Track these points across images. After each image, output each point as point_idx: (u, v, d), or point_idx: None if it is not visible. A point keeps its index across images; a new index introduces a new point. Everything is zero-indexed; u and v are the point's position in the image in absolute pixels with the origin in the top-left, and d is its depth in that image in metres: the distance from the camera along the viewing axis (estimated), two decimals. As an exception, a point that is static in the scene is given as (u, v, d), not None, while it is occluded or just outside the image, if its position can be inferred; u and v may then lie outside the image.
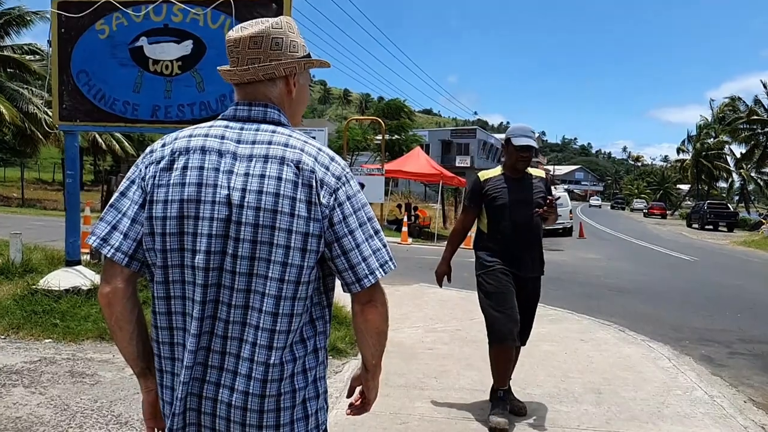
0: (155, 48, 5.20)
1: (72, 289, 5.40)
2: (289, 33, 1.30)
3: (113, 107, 5.30)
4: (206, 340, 1.21)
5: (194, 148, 1.23)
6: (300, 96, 1.35)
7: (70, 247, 5.71)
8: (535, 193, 3.44)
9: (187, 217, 1.20)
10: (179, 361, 1.24)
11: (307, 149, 1.25)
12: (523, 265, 3.44)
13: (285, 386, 1.22)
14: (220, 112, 5.42)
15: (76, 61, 5.29)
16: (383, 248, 1.29)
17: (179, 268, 1.21)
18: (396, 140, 28.28)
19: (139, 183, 1.25)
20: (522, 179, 3.47)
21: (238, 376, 1.20)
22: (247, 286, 1.19)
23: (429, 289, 8.03)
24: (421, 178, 20.73)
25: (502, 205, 3.40)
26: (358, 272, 1.24)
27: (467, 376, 4.43)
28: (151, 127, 5.44)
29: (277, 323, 1.19)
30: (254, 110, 1.28)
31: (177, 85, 5.24)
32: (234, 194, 1.19)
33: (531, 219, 3.39)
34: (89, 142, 35.11)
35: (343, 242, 1.23)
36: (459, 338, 5.57)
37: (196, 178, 1.20)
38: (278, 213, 1.18)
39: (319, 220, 1.20)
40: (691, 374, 4.71)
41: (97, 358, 4.42)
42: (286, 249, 1.18)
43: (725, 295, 9.35)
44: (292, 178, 1.19)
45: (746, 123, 37.74)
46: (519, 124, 3.52)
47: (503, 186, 3.43)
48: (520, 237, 3.40)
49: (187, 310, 1.22)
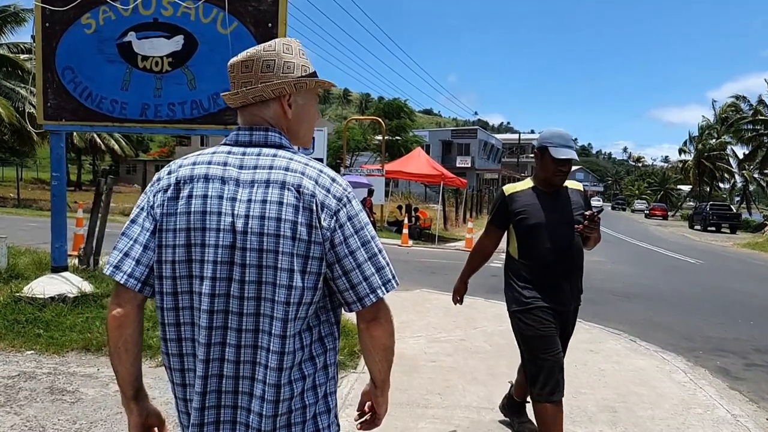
0: (144, 43, 4.95)
1: (57, 297, 5.15)
2: (284, 54, 1.31)
3: (100, 106, 5.04)
4: (216, 366, 1.24)
5: (198, 176, 1.26)
6: (300, 116, 1.35)
7: (56, 253, 5.46)
8: (574, 209, 2.84)
9: (194, 245, 1.23)
10: (190, 386, 1.28)
11: (308, 172, 1.26)
12: (563, 297, 2.84)
13: (295, 403, 1.26)
14: (212, 112, 5.23)
15: (61, 58, 5.04)
16: (385, 267, 1.29)
17: (188, 295, 1.25)
18: (396, 140, 28.04)
19: (148, 210, 1.28)
20: (557, 193, 2.87)
21: (254, 398, 1.23)
22: (256, 310, 1.22)
23: (431, 295, 7.78)
24: (422, 179, 20.47)
25: (535, 225, 2.79)
26: (360, 292, 1.26)
27: (473, 392, 4.17)
28: (140, 127, 5.18)
29: (285, 345, 1.22)
30: (255, 135, 1.30)
31: (167, 83, 4.98)
32: (237, 221, 1.21)
33: (571, 241, 2.80)
34: (87, 142, 34.94)
35: (344, 263, 1.25)
36: (463, 349, 5.32)
37: (201, 206, 1.23)
38: (281, 237, 1.20)
39: (320, 243, 1.22)
40: (709, 390, 4.45)
41: (81, 372, 4.16)
42: (290, 272, 1.20)
43: (735, 301, 9.09)
44: (293, 203, 1.21)
45: (750, 123, 37.46)
46: (556, 130, 2.83)
47: (535, 202, 2.83)
48: (559, 263, 2.79)
49: (196, 336, 1.25)
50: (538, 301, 2.81)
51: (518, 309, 2.88)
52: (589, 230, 2.70)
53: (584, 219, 2.71)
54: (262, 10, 4.87)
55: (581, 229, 2.70)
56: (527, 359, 2.88)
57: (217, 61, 4.91)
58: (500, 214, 2.96)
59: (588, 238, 2.81)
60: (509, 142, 66.23)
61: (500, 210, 2.96)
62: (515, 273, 2.92)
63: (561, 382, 2.78)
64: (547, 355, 2.78)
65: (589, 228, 2.69)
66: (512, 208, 2.89)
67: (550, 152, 2.76)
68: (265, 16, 4.85)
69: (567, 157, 2.75)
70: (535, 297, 2.82)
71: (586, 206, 2.90)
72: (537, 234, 2.80)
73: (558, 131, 2.83)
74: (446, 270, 11.24)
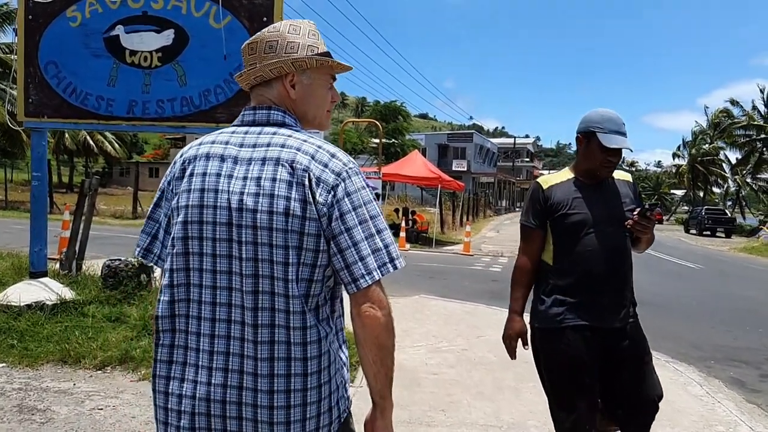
0: (133, 37, 4.69)
1: (34, 305, 4.86)
2: (288, 35, 1.31)
3: (85, 102, 4.78)
4: (224, 343, 1.22)
5: (201, 155, 1.28)
6: (305, 97, 1.34)
7: (35, 257, 5.17)
8: (624, 204, 2.36)
9: (191, 222, 1.23)
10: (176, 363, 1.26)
11: (304, 148, 1.24)
12: (606, 312, 2.28)
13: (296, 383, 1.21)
14: (203, 109, 4.96)
15: (44, 52, 4.77)
16: (384, 249, 1.23)
17: (184, 272, 1.25)
18: (393, 143, 27.85)
19: (165, 192, 1.32)
20: (602, 186, 2.37)
21: (259, 377, 1.20)
22: (254, 287, 1.20)
23: (430, 301, 7.53)
24: (420, 182, 20.26)
25: (577, 223, 2.28)
26: (354, 272, 1.21)
27: (479, 408, 3.92)
28: (127, 125, 4.92)
29: (289, 320, 1.20)
30: (258, 113, 1.31)
31: (156, 79, 4.72)
32: (233, 198, 1.21)
33: (622, 242, 2.33)
34: (80, 144, 34.51)
35: (339, 240, 1.21)
36: (466, 360, 5.07)
37: (200, 184, 1.24)
38: (274, 214, 1.18)
39: (315, 219, 1.20)
40: (728, 404, 4.22)
41: (54, 387, 3.88)
42: (285, 249, 1.19)
43: (741, 308, 8.90)
44: (286, 178, 1.20)
45: (742, 129, 37.57)
46: (607, 113, 2.32)
47: (577, 196, 2.33)
48: (605, 269, 2.27)
49: (200, 314, 1.24)
50: (572, 319, 2.25)
51: (543, 327, 2.34)
52: (642, 228, 2.22)
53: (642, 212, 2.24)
54: (257, 4, 4.63)
55: (631, 225, 2.24)
56: (550, 394, 2.36)
57: (209, 56, 4.67)
58: (540, 211, 2.38)
59: (639, 239, 2.34)
60: (504, 146, 66.26)
61: (539, 206, 2.39)
62: (546, 282, 2.37)
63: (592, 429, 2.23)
64: (573, 389, 2.24)
65: (642, 225, 2.21)
66: (551, 203, 2.35)
67: (599, 139, 2.26)
68: (260, 10, 4.61)
69: (620, 146, 2.25)
70: (568, 312, 2.27)
71: (636, 200, 2.41)
72: (579, 234, 2.29)
73: (609, 114, 2.32)
74: (445, 274, 11.02)
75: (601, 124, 2.29)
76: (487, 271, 12.09)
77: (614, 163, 2.32)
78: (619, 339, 2.32)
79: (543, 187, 2.40)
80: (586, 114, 2.39)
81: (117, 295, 5.75)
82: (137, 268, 6.18)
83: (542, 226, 2.39)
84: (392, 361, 1.27)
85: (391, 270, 1.23)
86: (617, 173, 2.43)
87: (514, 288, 2.44)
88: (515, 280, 2.46)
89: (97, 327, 4.99)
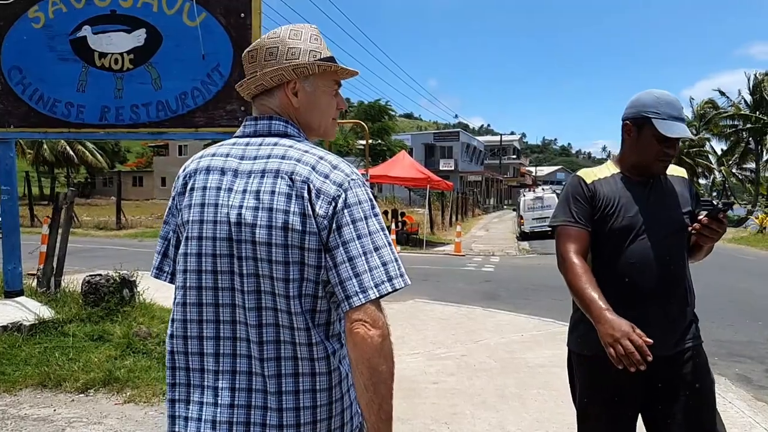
0: (101, 39, 4.42)
1: (11, 326, 4.60)
2: (289, 40, 1.26)
3: (54, 110, 4.49)
4: (229, 362, 1.19)
5: (201, 169, 1.25)
6: (308, 103, 1.29)
7: (9, 276, 4.89)
8: (682, 205, 1.98)
9: (191, 238, 1.21)
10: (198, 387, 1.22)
11: (304, 159, 1.20)
12: (660, 336, 1.79)
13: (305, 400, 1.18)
14: (181, 113, 4.67)
15: (7, 56, 4.48)
16: (383, 266, 1.14)
17: (182, 290, 1.23)
18: (379, 144, 27.64)
19: (170, 209, 1.30)
20: (653, 183, 1.97)
21: (268, 395, 1.17)
22: (257, 303, 1.17)
23: (426, 306, 7.31)
24: (408, 183, 20.06)
25: (626, 228, 1.90)
26: (348, 288, 1.13)
27: (483, 419, 3.71)
28: (101, 133, 4.64)
29: (295, 336, 1.16)
30: (259, 124, 1.27)
31: (129, 82, 4.45)
32: (232, 212, 1.18)
33: (678, 251, 1.94)
34: (60, 155, 33.88)
35: (334, 254, 1.15)
36: (466, 366, 4.85)
37: (200, 198, 1.22)
38: (272, 228, 1.15)
39: (315, 233, 1.15)
40: (740, 405, 4.06)
41: (33, 414, 3.61)
42: (285, 264, 1.15)
43: (738, 300, 8.81)
44: (285, 191, 1.16)
45: (728, 119, 37.86)
46: (663, 95, 1.93)
47: (625, 195, 1.94)
48: (658, 284, 1.88)
49: (202, 333, 1.21)
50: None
51: (579, 352, 2.00)
52: (711, 234, 1.86)
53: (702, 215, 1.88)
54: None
55: (698, 230, 1.87)
56: (579, 427, 2.07)
57: (184, 57, 4.41)
58: (585, 209, 1.95)
59: (701, 247, 1.99)
60: (491, 144, 66.33)
61: (583, 202, 1.96)
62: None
63: None
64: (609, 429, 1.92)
65: (712, 230, 1.85)
66: (597, 200, 1.95)
67: (655, 126, 1.86)
68: (236, 6, 4.36)
69: (681, 135, 1.86)
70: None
71: (694, 201, 2.03)
72: (626, 241, 1.89)
73: (666, 96, 1.91)
74: (437, 276, 10.82)
75: (658, 108, 1.88)
76: (479, 271, 11.92)
77: (671, 156, 1.93)
78: (671, 368, 1.89)
79: (586, 180, 2.00)
80: (635, 96, 1.99)
81: (99, 312, 5.50)
82: (119, 283, 5.90)
83: (587, 223, 1.94)
84: (388, 391, 1.13)
85: (389, 290, 1.13)
86: (670, 168, 2.05)
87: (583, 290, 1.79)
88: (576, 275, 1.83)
89: (79, 347, 4.76)
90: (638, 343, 1.59)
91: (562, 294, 9.06)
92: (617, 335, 1.63)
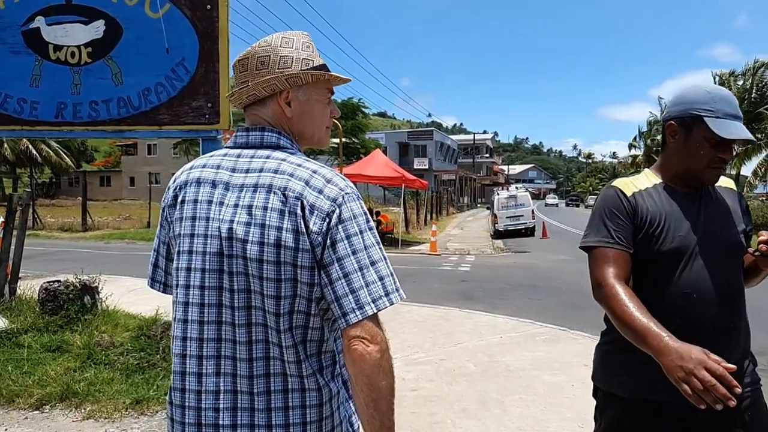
0: (56, 30, 4.11)
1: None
2: (281, 49, 1.24)
3: (5, 106, 4.17)
4: (213, 380, 1.16)
5: (191, 181, 1.23)
6: (302, 113, 1.26)
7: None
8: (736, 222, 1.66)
9: (182, 252, 1.20)
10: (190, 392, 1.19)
11: (297, 173, 1.17)
12: None
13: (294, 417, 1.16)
14: (143, 110, 4.41)
15: (-48, 49, 4.15)
16: (379, 281, 1.12)
17: (174, 305, 1.22)
18: (353, 142, 27.42)
19: (161, 221, 1.30)
20: (700, 196, 1.65)
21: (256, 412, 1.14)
22: (247, 320, 1.14)
23: (402, 308, 7.16)
24: (383, 182, 19.90)
25: (674, 250, 1.56)
26: (344, 305, 1.10)
27: (464, 429, 3.58)
28: (57, 131, 4.33)
29: (284, 354, 1.14)
30: (252, 135, 1.25)
31: (87, 77, 4.15)
32: (223, 226, 1.16)
33: (735, 277, 1.62)
34: (20, 154, 32.60)
35: (329, 270, 1.12)
36: (445, 371, 4.73)
37: (191, 212, 1.20)
38: (265, 245, 1.12)
39: (309, 251, 1.12)
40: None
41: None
42: (277, 282, 1.12)
43: None
44: (278, 207, 1.14)
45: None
46: (716, 89, 1.64)
47: (672, 210, 1.61)
48: (712, 317, 1.53)
49: (185, 351, 1.19)
50: (648, 391, 1.53)
51: (607, 390, 1.68)
52: None
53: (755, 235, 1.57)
54: (201, -7, 4.13)
55: (765, 251, 1.56)
56: None
57: (147, 50, 4.14)
58: (625, 226, 1.60)
59: (759, 271, 1.67)
60: (464, 143, 66.75)
61: (624, 218, 1.61)
62: (616, 330, 1.53)
63: None
64: None
65: None
66: (640, 216, 1.61)
67: (708, 126, 1.54)
68: (203, -3, 4.12)
69: (741, 136, 1.54)
70: (643, 380, 1.53)
71: (746, 218, 1.71)
72: (675, 267, 1.55)
73: (719, 91, 1.61)
74: (414, 276, 10.70)
75: (711, 105, 1.56)
76: (456, 270, 11.86)
77: (726, 162, 1.61)
78: (723, 422, 1.52)
79: (625, 191, 1.64)
80: (680, 92, 1.68)
81: (57, 321, 5.23)
82: (79, 289, 5.61)
83: (628, 243, 1.58)
84: (389, 407, 1.12)
85: (387, 305, 1.12)
86: (722, 180, 1.72)
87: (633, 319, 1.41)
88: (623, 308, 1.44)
89: (35, 359, 4.50)
90: (719, 372, 1.21)
91: (538, 293, 9.12)
92: (690, 366, 1.24)
